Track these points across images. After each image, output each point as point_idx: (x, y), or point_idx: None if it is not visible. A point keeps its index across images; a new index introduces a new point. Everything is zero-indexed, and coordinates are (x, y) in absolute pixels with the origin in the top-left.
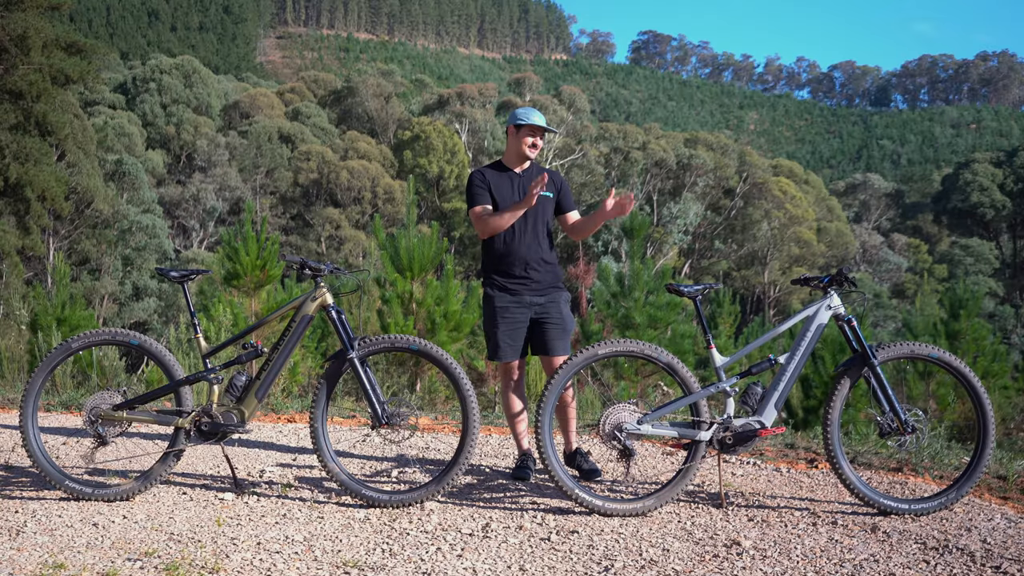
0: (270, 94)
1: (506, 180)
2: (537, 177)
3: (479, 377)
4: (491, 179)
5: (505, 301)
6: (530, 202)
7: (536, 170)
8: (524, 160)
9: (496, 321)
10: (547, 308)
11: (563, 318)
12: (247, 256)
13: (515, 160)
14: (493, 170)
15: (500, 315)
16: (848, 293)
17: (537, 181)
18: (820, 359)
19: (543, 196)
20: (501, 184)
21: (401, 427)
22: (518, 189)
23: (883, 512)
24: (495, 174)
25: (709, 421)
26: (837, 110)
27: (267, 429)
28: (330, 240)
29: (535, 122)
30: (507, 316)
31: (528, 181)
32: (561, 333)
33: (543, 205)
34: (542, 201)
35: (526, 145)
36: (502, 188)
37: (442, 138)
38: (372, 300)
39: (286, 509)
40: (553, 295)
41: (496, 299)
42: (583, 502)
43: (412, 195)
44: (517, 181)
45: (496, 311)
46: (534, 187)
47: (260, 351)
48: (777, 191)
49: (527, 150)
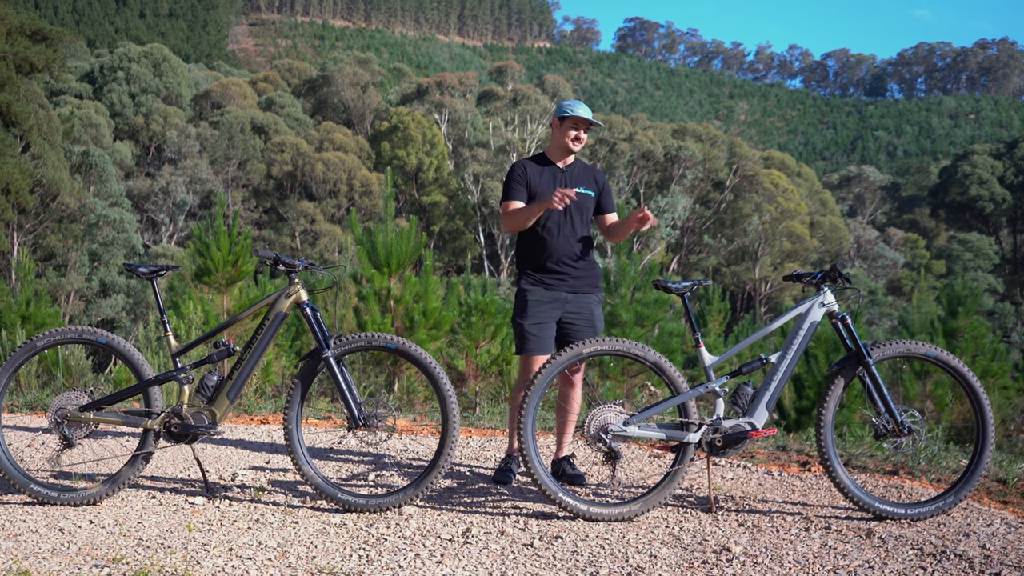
0: (242, 83)
1: (548, 174)
2: (581, 173)
3: (459, 377)
4: (532, 173)
5: (539, 295)
6: (551, 203)
7: (580, 166)
8: (567, 154)
9: (526, 314)
10: (579, 307)
11: (593, 319)
12: (219, 251)
13: (558, 153)
14: (535, 163)
15: (531, 308)
16: (842, 290)
17: (564, 192)
18: (813, 358)
19: (584, 194)
20: (542, 178)
21: (378, 429)
22: (561, 184)
23: (878, 517)
24: (537, 168)
25: (698, 422)
26: (831, 100)
27: (239, 431)
28: (305, 235)
29: (580, 114)
30: (539, 311)
31: (571, 177)
32: (590, 334)
33: (584, 203)
34: (583, 199)
35: (569, 138)
36: (543, 182)
37: (421, 129)
38: (348, 297)
39: (259, 514)
40: (588, 295)
41: (530, 293)
42: (567, 506)
43: (390, 188)
44: (560, 176)
45: (528, 304)
46: (560, 191)
47: (232, 350)
48: (768, 184)
49: (570, 143)
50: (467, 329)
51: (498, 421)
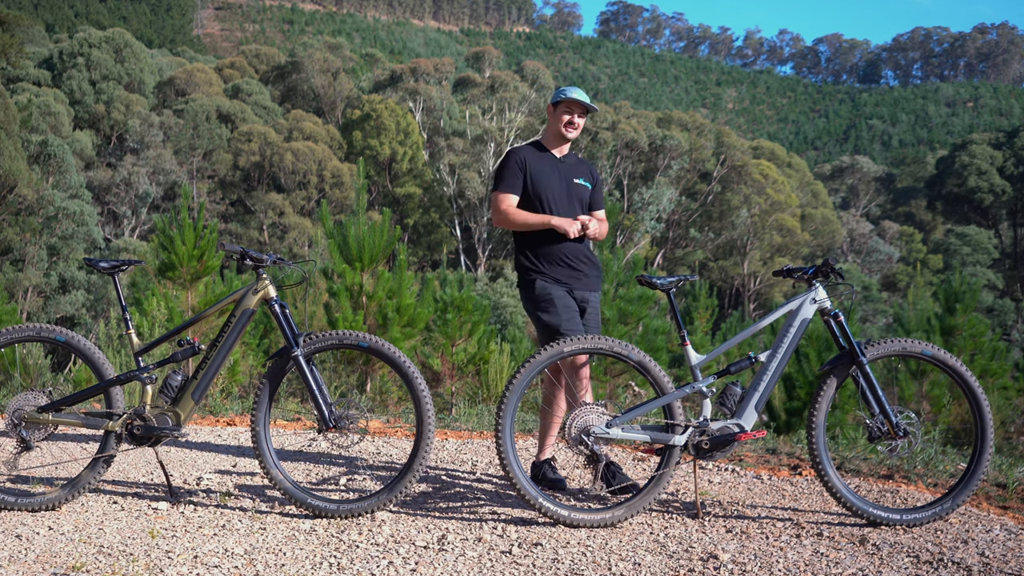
0: (208, 70)
1: (547, 163)
2: (576, 165)
3: (434, 377)
4: (531, 162)
5: (558, 292)
6: (566, 230)
7: (573, 158)
8: (562, 141)
9: (556, 313)
10: (592, 307)
11: (599, 319)
12: (183, 245)
13: (553, 141)
14: (534, 150)
15: (561, 307)
16: (835, 285)
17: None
18: (804, 357)
19: (583, 185)
20: (542, 166)
21: (350, 431)
22: (561, 175)
23: (873, 523)
24: (536, 155)
25: (684, 424)
26: (823, 87)
27: (205, 433)
28: (273, 228)
29: (573, 97)
30: (568, 310)
31: (568, 168)
32: (597, 330)
33: (582, 195)
34: (580, 190)
35: (562, 124)
36: (543, 171)
37: (395, 117)
38: (319, 293)
39: (225, 519)
40: (596, 292)
41: (554, 291)
42: (547, 512)
43: (362, 179)
44: (560, 167)
45: (555, 303)
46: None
47: (197, 348)
48: (757, 175)
49: (564, 130)
50: (443, 327)
51: (475, 423)
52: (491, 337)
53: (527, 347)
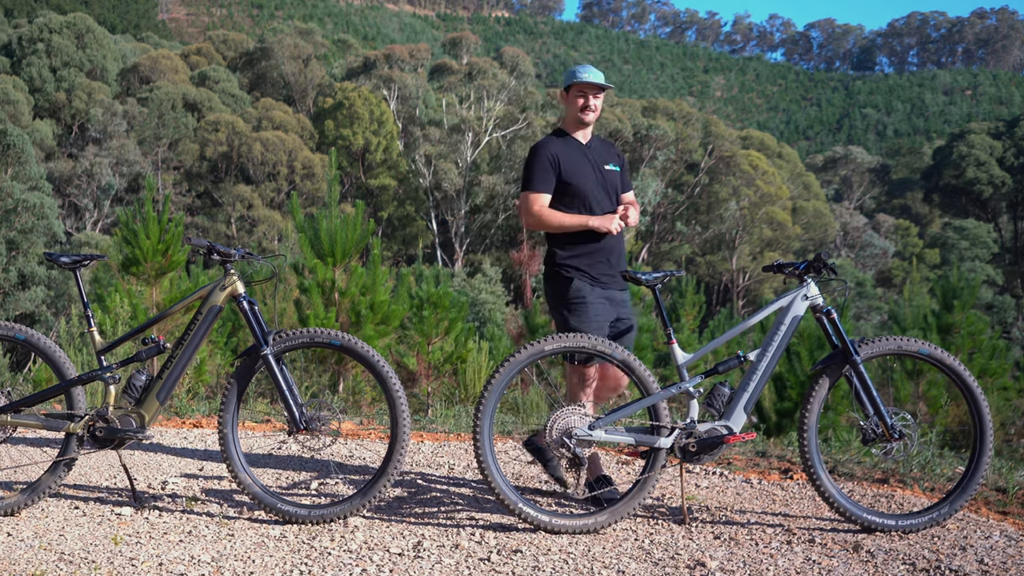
0: (173, 56)
1: (576, 151)
2: (603, 149)
3: (410, 376)
4: (562, 155)
5: (595, 296)
6: (607, 227)
7: (598, 142)
8: (583, 126)
9: (588, 318)
10: (626, 305)
11: (630, 316)
12: (147, 240)
13: (573, 127)
14: (559, 140)
15: (593, 312)
16: (827, 281)
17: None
18: (795, 356)
19: (614, 170)
20: (573, 158)
21: (321, 433)
22: (591, 162)
23: (867, 529)
24: (563, 146)
25: (670, 426)
26: (815, 74)
27: (170, 435)
28: (241, 221)
29: (584, 79)
30: (599, 314)
31: (597, 155)
32: (633, 333)
33: (614, 182)
34: (612, 177)
35: (577, 108)
36: (575, 163)
37: (368, 106)
38: (289, 289)
39: (192, 525)
40: (625, 290)
41: (587, 293)
42: (527, 517)
43: (334, 170)
44: (588, 154)
45: (588, 307)
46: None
47: (162, 347)
48: (747, 166)
49: (581, 115)
50: (418, 324)
51: (452, 424)
52: (469, 335)
53: (506, 346)
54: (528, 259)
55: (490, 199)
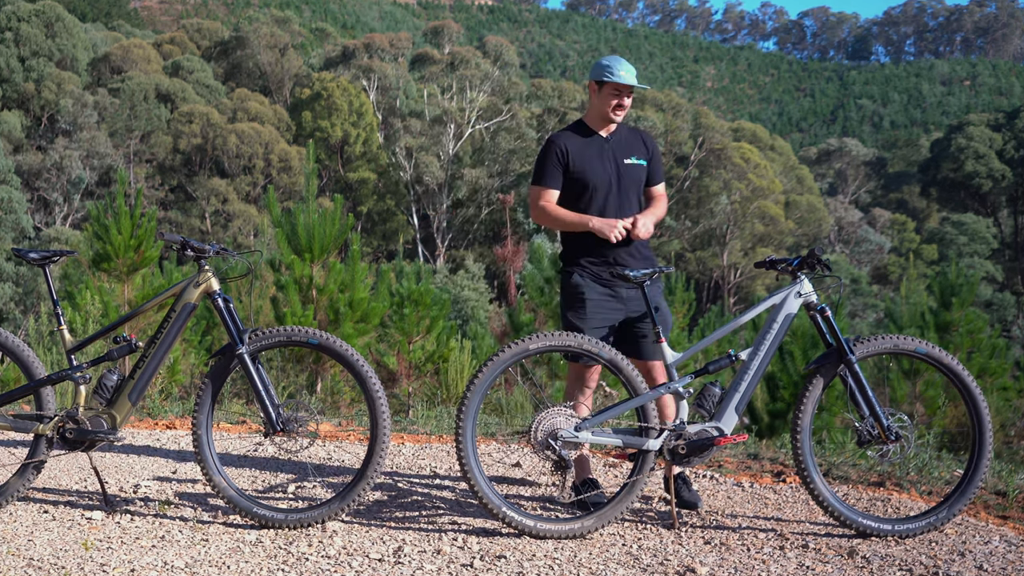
0: (146, 45)
1: (593, 146)
2: (628, 140)
3: (390, 376)
4: (573, 149)
5: (596, 293)
6: (604, 232)
7: (625, 131)
8: (609, 123)
9: (584, 315)
10: (642, 305)
11: (663, 314)
12: (119, 235)
13: (598, 122)
14: (575, 133)
15: (591, 309)
16: (821, 278)
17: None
18: (789, 355)
19: (636, 164)
20: (586, 151)
21: (299, 435)
22: (609, 158)
23: (862, 534)
24: (578, 140)
25: (659, 427)
26: (808, 64)
27: (143, 436)
28: (216, 216)
29: (623, 81)
30: (599, 312)
31: (618, 148)
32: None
33: (637, 175)
34: (635, 171)
35: (610, 108)
36: (588, 157)
37: (347, 97)
38: (265, 286)
39: (165, 530)
40: (654, 288)
41: (586, 290)
42: (511, 522)
43: (312, 163)
44: (607, 149)
45: (586, 303)
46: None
47: (134, 346)
48: (738, 159)
49: (612, 114)
50: (399, 322)
51: (434, 426)
52: (451, 334)
53: (489, 344)
54: (512, 255)
55: (473, 193)
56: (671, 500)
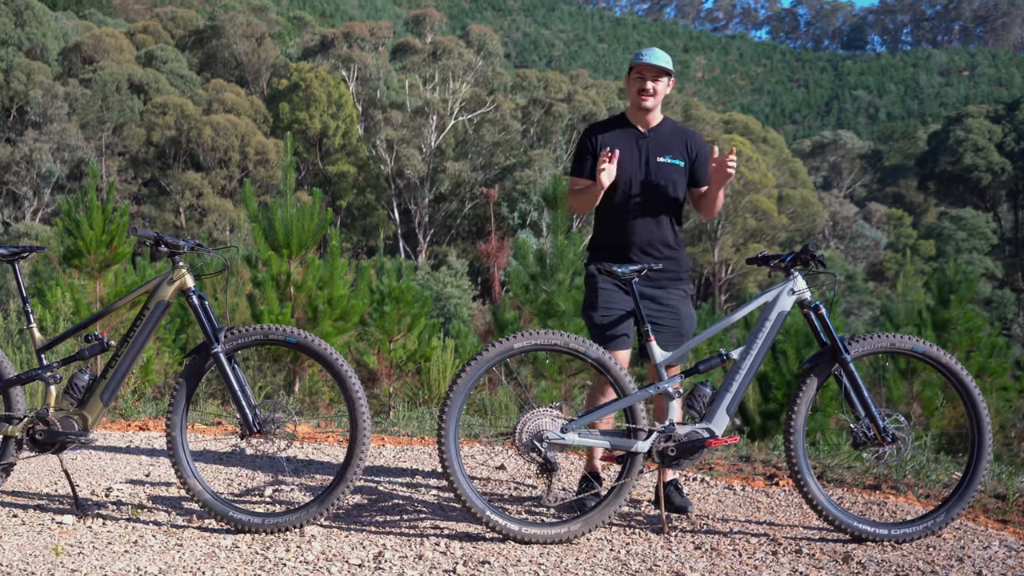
0: (118, 35)
1: (628, 139)
2: (669, 137)
3: (370, 376)
4: (604, 140)
5: (610, 283)
6: (600, 182)
7: (669, 128)
8: (645, 112)
9: (596, 304)
10: (661, 304)
11: (680, 318)
12: (91, 230)
13: (636, 114)
14: (610, 127)
15: (603, 298)
16: (815, 274)
17: (605, 155)
18: (781, 354)
19: (670, 164)
20: (617, 143)
21: (276, 436)
22: (641, 152)
23: (857, 538)
24: (612, 132)
25: (647, 429)
26: (802, 54)
27: (115, 438)
28: (191, 210)
29: (645, 61)
30: (612, 302)
31: (654, 144)
32: (674, 336)
33: (668, 174)
34: (666, 170)
35: (635, 92)
36: (621, 149)
37: (326, 88)
38: (241, 283)
39: (138, 535)
40: (671, 289)
41: (599, 280)
42: (496, 526)
43: (290, 156)
44: (641, 143)
45: (598, 293)
46: (603, 161)
47: (106, 344)
48: None
49: (639, 98)
50: (379, 320)
51: (415, 427)
52: (433, 332)
53: (473, 343)
54: (496, 251)
55: (456, 187)
56: (660, 504)
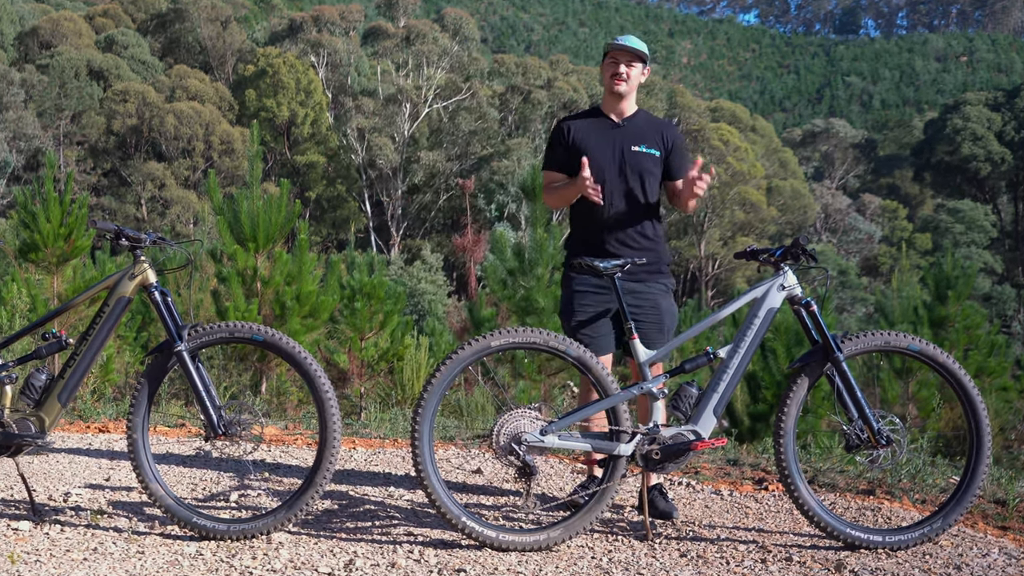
0: (77, 18)
1: (601, 129)
2: (644, 127)
3: (340, 376)
4: (577, 131)
5: (586, 285)
6: (583, 188)
7: (643, 118)
8: (618, 100)
9: (572, 308)
10: (640, 299)
11: (660, 313)
12: (48, 223)
13: (608, 102)
14: (586, 117)
15: (577, 301)
16: (806, 269)
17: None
18: (771, 353)
19: (645, 153)
20: (591, 134)
21: (242, 438)
22: (615, 142)
23: (850, 546)
24: (585, 123)
25: (631, 431)
26: (792, 39)
27: (73, 440)
28: (153, 202)
29: (619, 44)
30: (586, 304)
31: (628, 134)
32: (656, 332)
33: (644, 165)
34: (642, 160)
35: (608, 75)
36: (591, 140)
37: (294, 74)
38: (206, 278)
39: (97, 542)
40: (651, 283)
41: (575, 282)
42: (472, 533)
43: (256, 145)
44: (614, 132)
45: (573, 296)
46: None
47: (64, 343)
48: (717, 141)
49: (613, 82)
50: (350, 317)
51: (388, 429)
52: (406, 330)
53: (448, 341)
54: (472, 245)
55: (430, 178)
56: (644, 509)
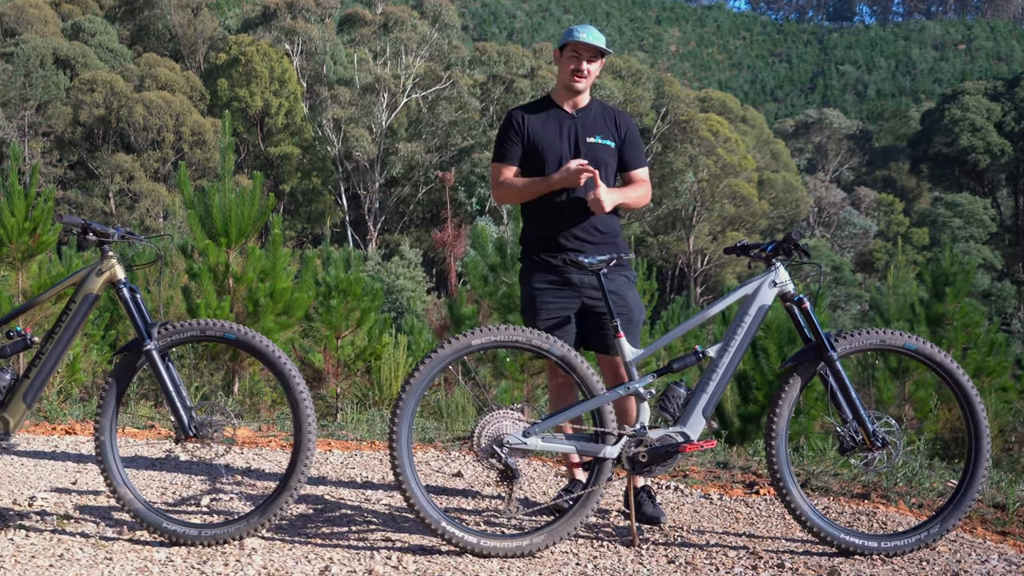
0: (42, 5)
1: (553, 122)
2: (597, 118)
3: (316, 375)
4: (531, 124)
5: (544, 282)
6: (568, 180)
7: (597, 109)
8: (574, 94)
9: (535, 309)
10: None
11: (627, 305)
12: (12, 217)
13: (563, 94)
14: (536, 110)
15: (541, 301)
16: (799, 265)
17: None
18: (762, 351)
19: (601, 144)
20: (546, 126)
21: (214, 440)
22: (570, 134)
23: (844, 551)
24: (539, 114)
25: (617, 433)
26: (784, 26)
27: (39, 443)
28: (121, 196)
29: (581, 39)
30: (550, 304)
31: (583, 125)
32: (624, 325)
33: (601, 156)
34: (599, 151)
35: (568, 72)
36: (545, 132)
37: (268, 62)
38: (176, 274)
39: (64, 548)
40: (614, 276)
41: (535, 280)
42: (452, 538)
43: (228, 137)
44: (569, 124)
45: (535, 297)
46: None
47: (29, 341)
48: (706, 132)
49: (572, 80)
50: (326, 315)
51: (365, 431)
52: (384, 328)
53: (427, 340)
54: (453, 239)
55: (409, 170)
56: (631, 514)
